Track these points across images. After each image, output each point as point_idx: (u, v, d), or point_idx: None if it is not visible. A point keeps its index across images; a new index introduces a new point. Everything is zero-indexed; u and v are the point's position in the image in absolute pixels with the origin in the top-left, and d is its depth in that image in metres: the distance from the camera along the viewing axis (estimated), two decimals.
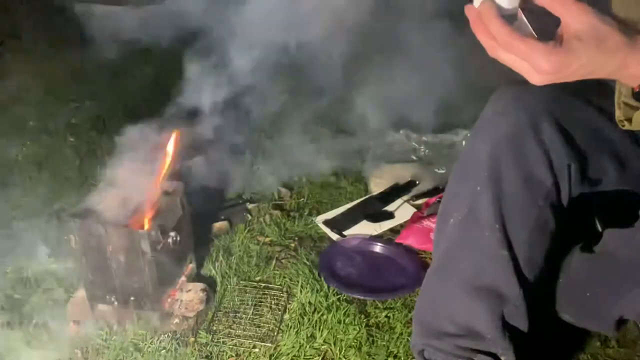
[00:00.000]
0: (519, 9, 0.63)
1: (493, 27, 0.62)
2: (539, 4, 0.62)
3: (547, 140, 0.90)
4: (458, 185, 1.00)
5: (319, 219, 1.77)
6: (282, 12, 1.66)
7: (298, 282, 1.50)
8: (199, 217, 1.57)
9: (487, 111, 0.98)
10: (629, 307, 1.04)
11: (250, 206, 1.83)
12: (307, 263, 1.57)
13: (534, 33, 0.62)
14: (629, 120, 0.73)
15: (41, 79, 2.61)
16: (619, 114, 0.73)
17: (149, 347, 1.31)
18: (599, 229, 1.21)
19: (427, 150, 2.10)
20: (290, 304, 1.45)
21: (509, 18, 0.63)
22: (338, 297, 1.44)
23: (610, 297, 1.06)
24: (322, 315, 1.39)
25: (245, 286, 1.51)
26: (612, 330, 1.09)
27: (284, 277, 1.53)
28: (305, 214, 1.81)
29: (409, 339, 1.24)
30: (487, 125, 0.96)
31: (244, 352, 1.31)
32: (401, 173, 1.97)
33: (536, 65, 0.61)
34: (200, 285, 1.43)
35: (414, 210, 1.80)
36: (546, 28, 0.62)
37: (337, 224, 1.75)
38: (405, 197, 1.87)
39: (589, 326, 1.19)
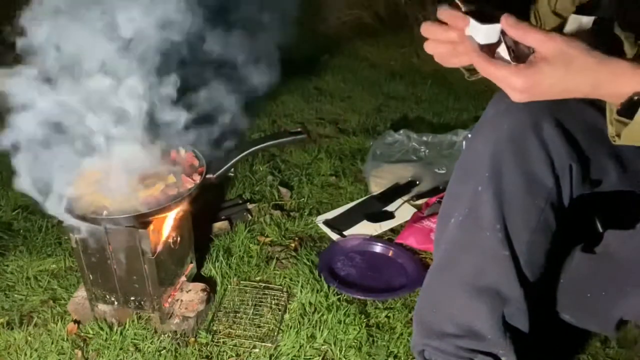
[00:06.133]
0: (502, 39, 0.73)
1: (473, 60, 0.73)
2: (513, 37, 0.70)
3: (548, 141, 0.90)
4: (459, 186, 1.00)
5: (319, 219, 1.77)
6: None
7: (298, 282, 1.49)
8: (199, 217, 1.57)
9: (488, 112, 0.98)
10: (629, 308, 1.04)
11: (250, 206, 1.83)
12: (307, 263, 1.57)
13: (510, 60, 0.72)
14: (619, 135, 0.75)
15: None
16: (611, 130, 0.76)
17: (149, 347, 1.30)
18: (600, 229, 1.21)
19: (427, 150, 2.11)
20: (290, 304, 1.45)
21: (495, 45, 0.74)
22: (338, 297, 1.44)
23: (611, 297, 1.06)
24: (322, 315, 1.39)
25: (245, 286, 1.51)
26: (612, 330, 1.09)
27: (284, 277, 1.53)
28: (305, 214, 1.81)
29: (409, 339, 1.25)
30: (489, 125, 0.96)
31: (244, 352, 1.31)
32: (401, 173, 1.97)
33: (510, 84, 0.70)
34: (200, 285, 1.43)
35: (414, 210, 1.80)
36: (523, 55, 0.71)
37: (337, 224, 1.75)
38: (405, 197, 1.87)
39: (589, 327, 1.19)
